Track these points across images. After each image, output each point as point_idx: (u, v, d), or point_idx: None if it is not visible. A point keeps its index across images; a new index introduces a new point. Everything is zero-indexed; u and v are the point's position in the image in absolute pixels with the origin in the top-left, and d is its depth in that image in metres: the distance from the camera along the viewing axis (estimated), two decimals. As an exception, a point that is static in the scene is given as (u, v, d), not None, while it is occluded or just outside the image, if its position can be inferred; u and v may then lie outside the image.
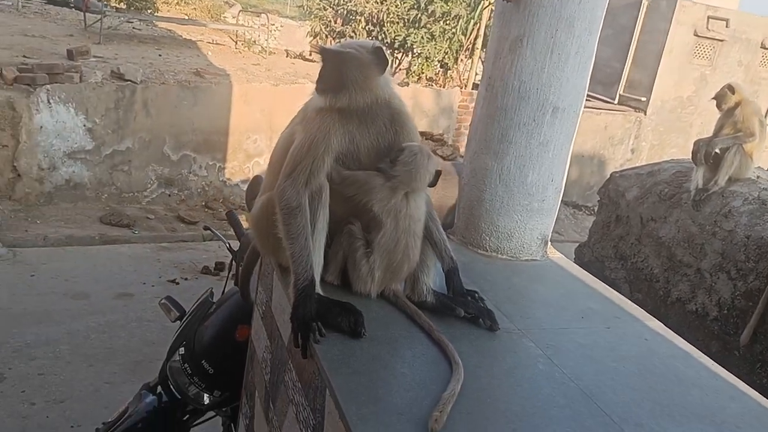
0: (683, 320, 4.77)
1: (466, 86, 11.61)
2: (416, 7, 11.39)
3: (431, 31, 11.36)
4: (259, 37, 12.31)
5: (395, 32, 11.48)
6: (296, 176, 1.99)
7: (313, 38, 12.49)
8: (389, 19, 11.49)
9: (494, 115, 2.73)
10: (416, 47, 11.43)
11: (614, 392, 1.90)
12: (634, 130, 12.97)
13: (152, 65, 8.78)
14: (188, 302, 3.33)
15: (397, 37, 11.47)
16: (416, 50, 11.51)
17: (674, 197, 5.25)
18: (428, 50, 11.38)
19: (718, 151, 5.05)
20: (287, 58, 11.84)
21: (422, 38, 11.32)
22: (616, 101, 13.21)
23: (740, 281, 4.60)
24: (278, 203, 2.00)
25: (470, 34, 11.57)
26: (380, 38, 11.61)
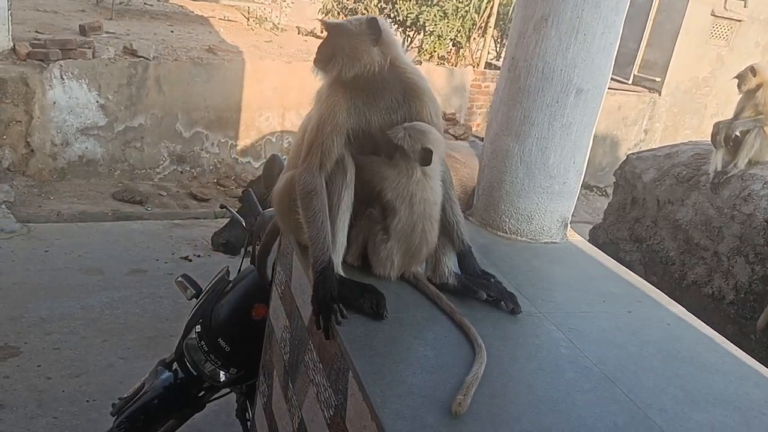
0: (699, 303, 4.74)
1: (478, 65, 11.47)
2: (429, -16, 11.25)
3: (444, 8, 11.22)
4: (270, 13, 12.20)
5: (407, 10, 11.34)
6: (310, 159, 2.00)
7: (324, 15, 12.35)
8: (401, -5, 11.36)
9: (516, 96, 2.68)
10: (428, 25, 11.29)
11: (637, 377, 1.88)
12: (648, 110, 12.80)
13: (164, 41, 8.72)
14: (202, 280, 3.34)
15: (409, 14, 11.34)
16: (428, 28, 11.36)
17: (692, 180, 5.19)
18: (440, 28, 11.24)
19: (738, 133, 4.97)
20: (299, 35, 11.72)
21: (435, 16, 11.18)
22: (630, 81, 13.02)
23: (758, 265, 4.56)
24: (297, 186, 2.01)
25: (483, 12, 11.41)
26: (392, 15, 11.49)
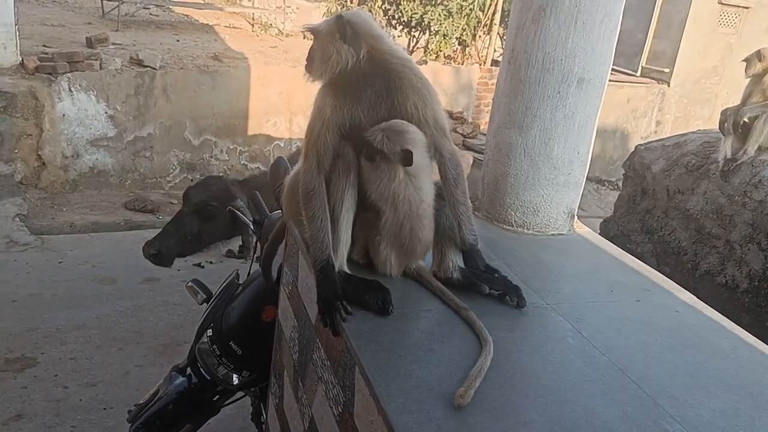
0: (713, 293, 4.70)
1: (485, 63, 11.45)
2: (433, -16, 11.24)
3: (448, 7, 11.20)
4: (275, 19, 12.26)
5: (412, 10, 11.34)
6: (309, 160, 2.04)
7: (329, 19, 12.35)
8: (405, -4, 11.36)
9: (517, 88, 2.68)
10: (433, 25, 11.28)
11: (646, 365, 1.87)
12: (657, 102, 12.71)
13: (170, 51, 8.79)
14: (214, 285, 3.36)
15: (414, 15, 11.34)
16: (433, 28, 11.36)
17: (702, 168, 5.15)
18: (445, 27, 11.22)
19: (746, 119, 4.91)
20: (304, 39, 11.77)
21: (439, 15, 11.17)
22: (638, 73, 12.94)
23: (771, 252, 4.51)
24: (300, 187, 2.06)
25: (488, 9, 11.38)
26: (397, 16, 11.49)
